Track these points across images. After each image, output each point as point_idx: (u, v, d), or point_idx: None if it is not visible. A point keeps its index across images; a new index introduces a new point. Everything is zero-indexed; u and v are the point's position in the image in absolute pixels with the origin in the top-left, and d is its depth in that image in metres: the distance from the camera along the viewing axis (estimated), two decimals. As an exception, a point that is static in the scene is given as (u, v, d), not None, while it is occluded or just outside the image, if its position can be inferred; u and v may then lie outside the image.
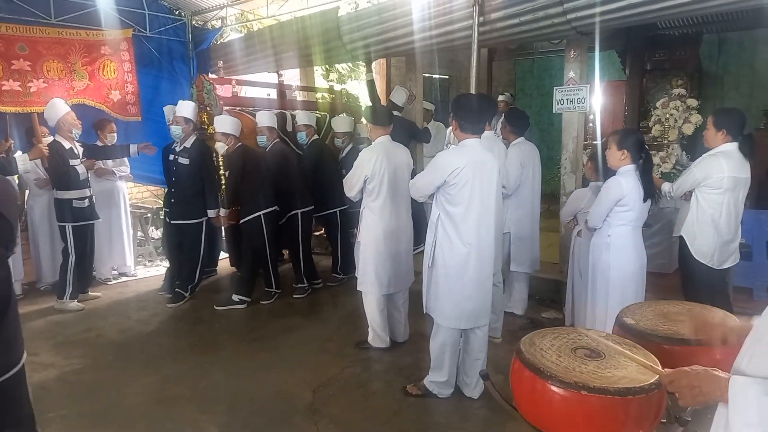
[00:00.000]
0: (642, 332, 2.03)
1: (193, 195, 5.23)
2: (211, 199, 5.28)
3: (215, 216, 5.28)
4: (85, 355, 4.19)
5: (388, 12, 5.61)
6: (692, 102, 5.77)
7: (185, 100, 5.47)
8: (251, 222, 5.16)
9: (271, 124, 5.46)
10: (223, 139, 5.11)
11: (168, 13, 7.71)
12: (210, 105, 5.70)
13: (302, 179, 5.56)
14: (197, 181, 5.22)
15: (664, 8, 4.04)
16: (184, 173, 5.20)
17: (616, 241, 3.31)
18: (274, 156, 5.40)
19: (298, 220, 5.48)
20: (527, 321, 4.71)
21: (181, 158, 5.19)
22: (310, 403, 3.45)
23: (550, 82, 9.87)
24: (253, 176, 5.10)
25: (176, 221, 5.34)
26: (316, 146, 5.86)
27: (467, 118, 3.22)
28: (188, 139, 5.23)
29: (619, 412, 1.65)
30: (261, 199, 5.16)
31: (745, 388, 1.22)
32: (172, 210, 5.38)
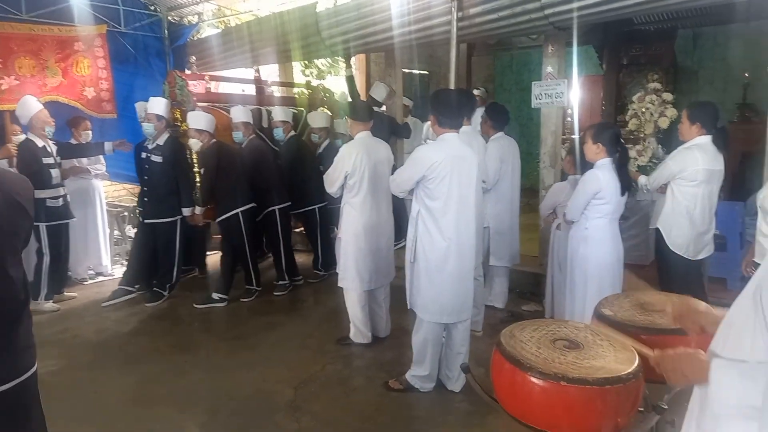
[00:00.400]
0: (620, 323, 2.05)
1: (167, 193, 5.14)
2: (186, 198, 5.18)
3: (190, 214, 5.19)
4: (61, 356, 4.12)
5: (366, 7, 5.59)
6: (667, 96, 5.86)
7: (157, 97, 5.37)
8: (229, 220, 5.09)
9: (246, 120, 5.39)
10: (196, 136, 5.01)
11: (143, 8, 7.59)
12: (183, 101, 5.58)
13: (279, 176, 5.51)
14: (171, 179, 5.12)
15: (639, 3, 4.08)
16: (157, 171, 5.10)
17: (593, 234, 3.35)
18: (251, 152, 5.33)
19: (276, 217, 5.42)
20: (508, 314, 4.74)
21: (154, 156, 5.08)
22: (292, 401, 3.43)
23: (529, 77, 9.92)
24: (229, 173, 5.03)
25: (150, 220, 5.23)
26: (293, 142, 5.78)
27: (445, 113, 3.23)
28: (161, 137, 5.13)
29: (597, 402, 1.67)
30: (238, 197, 5.09)
31: (726, 370, 1.25)
32: (145, 209, 5.28)
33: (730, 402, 1.24)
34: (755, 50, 7.70)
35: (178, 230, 5.26)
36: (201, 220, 5.29)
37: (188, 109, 5.43)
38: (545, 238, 5.11)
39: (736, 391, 1.21)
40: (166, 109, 5.19)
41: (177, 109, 5.55)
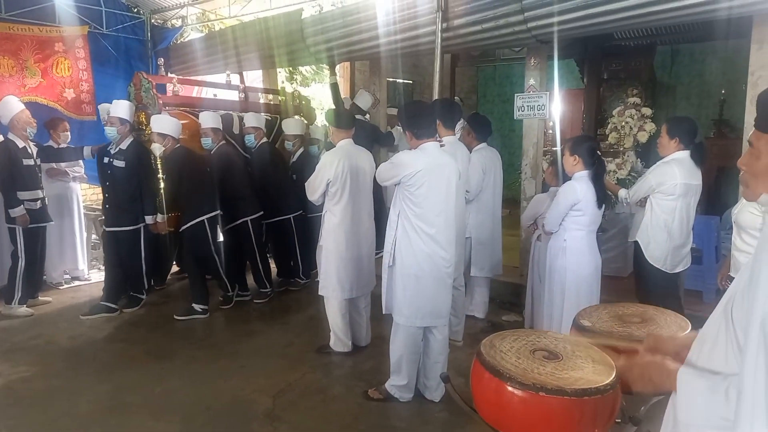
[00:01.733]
0: (598, 334, 2.06)
1: (130, 200, 4.92)
2: (149, 205, 4.95)
3: (153, 222, 4.97)
4: (34, 363, 4.03)
5: (352, 15, 5.62)
6: (646, 111, 5.96)
7: (121, 100, 5.21)
8: (193, 228, 4.87)
9: (215, 125, 5.20)
10: (159, 140, 4.81)
11: (126, 10, 7.54)
12: (148, 104, 5.35)
13: (250, 184, 5.33)
14: (134, 185, 4.91)
15: (619, 19, 4.17)
16: (119, 177, 4.88)
17: (571, 245, 3.39)
18: (219, 159, 5.15)
19: (249, 228, 5.25)
20: (488, 324, 4.75)
21: (116, 161, 4.87)
22: (270, 410, 3.40)
23: (512, 89, 10.05)
24: (193, 180, 4.84)
25: (111, 228, 5.00)
26: (265, 150, 5.57)
27: (419, 124, 3.25)
28: (124, 141, 4.92)
29: (575, 413, 1.67)
30: (204, 204, 4.89)
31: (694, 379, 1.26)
32: (107, 217, 5.08)
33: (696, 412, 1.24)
34: (731, 68, 7.90)
35: (143, 238, 5.05)
36: (165, 229, 5.05)
37: (153, 112, 5.22)
38: (526, 248, 5.15)
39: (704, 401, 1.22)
40: (130, 112, 5.00)
41: (142, 112, 5.35)
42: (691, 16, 4.08)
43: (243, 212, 5.21)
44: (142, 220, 4.98)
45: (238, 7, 7.58)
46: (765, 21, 4.02)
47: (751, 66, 4.13)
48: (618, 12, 4.11)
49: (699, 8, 3.85)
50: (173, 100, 5.71)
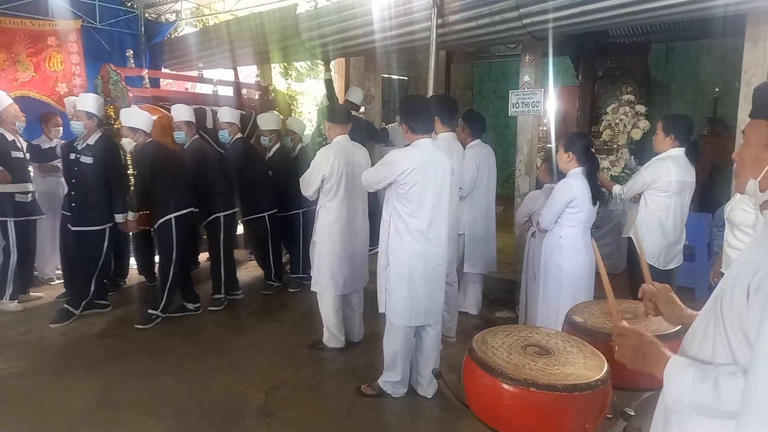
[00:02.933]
0: (590, 330, 2.07)
1: (97, 198, 4.66)
2: (119, 203, 4.71)
3: (123, 221, 4.75)
4: (26, 358, 4.01)
5: (347, 11, 5.59)
6: (640, 108, 5.97)
7: (88, 93, 5.00)
8: (163, 226, 4.68)
9: (189, 119, 4.99)
10: (130, 135, 4.62)
11: (120, 4, 7.50)
12: (117, 97, 5.08)
13: (225, 180, 5.14)
14: (102, 182, 4.65)
15: (614, 15, 4.16)
16: (87, 173, 4.61)
17: (567, 242, 3.40)
18: (193, 154, 4.96)
19: (220, 224, 5.07)
20: (481, 320, 4.76)
21: (83, 157, 4.60)
22: (263, 406, 3.39)
23: (507, 86, 10.05)
24: (165, 176, 4.63)
25: (77, 228, 4.71)
26: (239, 145, 5.36)
27: (416, 119, 3.23)
28: (92, 136, 4.65)
29: (566, 408, 1.68)
30: (171, 201, 4.66)
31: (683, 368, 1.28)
32: (72, 215, 4.76)
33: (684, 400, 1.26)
34: (725, 66, 7.91)
35: (106, 240, 4.78)
36: (135, 227, 4.86)
37: (122, 106, 4.97)
38: (519, 245, 5.16)
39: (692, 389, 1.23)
40: (98, 105, 4.73)
41: (111, 105, 5.08)
42: (685, 14, 4.08)
43: (216, 208, 5.04)
44: (110, 220, 4.74)
45: (232, 2, 7.54)
46: (759, 19, 4.03)
47: (745, 64, 4.14)
48: (613, 9, 4.10)
49: (693, 6, 3.85)
50: (144, 93, 5.47)
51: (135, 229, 4.91)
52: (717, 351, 1.24)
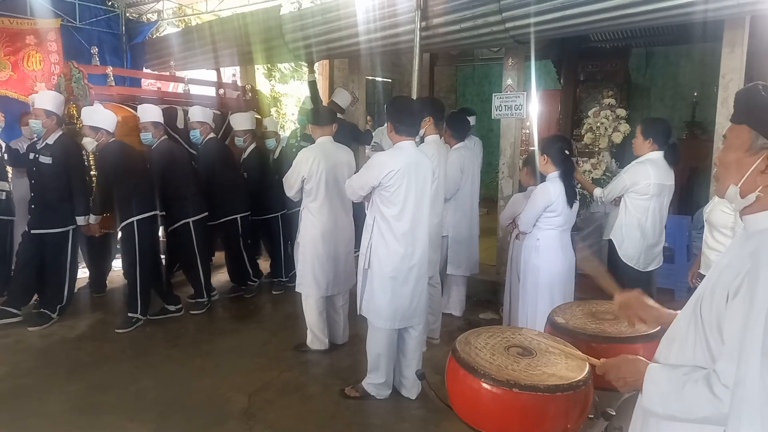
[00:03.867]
0: (572, 331, 2.10)
1: (58, 200, 4.51)
2: (80, 205, 4.54)
3: (85, 224, 4.58)
4: (4, 362, 3.94)
5: (331, 12, 5.59)
6: (621, 112, 6.05)
7: (46, 90, 4.84)
8: (126, 230, 4.53)
9: (156, 119, 4.78)
10: (91, 134, 4.44)
11: (100, 3, 7.42)
12: (79, 95, 4.89)
13: (195, 183, 4.95)
14: (62, 183, 4.49)
15: (595, 20, 4.22)
16: (46, 174, 4.46)
17: (544, 244, 3.43)
18: (160, 155, 4.78)
19: (191, 230, 4.88)
20: (465, 322, 4.78)
21: (42, 157, 4.44)
22: (245, 408, 3.37)
23: (490, 89, 10.11)
24: (129, 178, 4.48)
25: (37, 231, 4.52)
26: (212, 146, 5.15)
27: (403, 120, 3.24)
28: (51, 135, 4.49)
29: (548, 408, 1.70)
30: (138, 204, 4.51)
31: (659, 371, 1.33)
32: (32, 217, 4.58)
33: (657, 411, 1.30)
34: (704, 70, 8.06)
35: (70, 242, 4.63)
36: (97, 230, 4.67)
37: (84, 104, 4.77)
38: (502, 247, 5.19)
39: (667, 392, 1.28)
40: (57, 103, 4.55)
41: (73, 104, 4.91)
42: (665, 19, 4.15)
43: (184, 213, 4.86)
44: (71, 222, 4.58)
45: (215, 2, 7.50)
46: (736, 25, 4.11)
47: (723, 69, 4.22)
48: (594, 14, 4.16)
49: (673, 11, 3.92)
50: (108, 91, 5.21)
51: (98, 232, 4.71)
52: (696, 354, 1.26)
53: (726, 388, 1.14)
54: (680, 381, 1.24)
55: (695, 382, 1.20)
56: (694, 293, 1.35)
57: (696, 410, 1.20)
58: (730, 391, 1.13)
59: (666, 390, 1.27)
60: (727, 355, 1.15)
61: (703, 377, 1.20)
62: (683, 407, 1.22)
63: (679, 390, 1.23)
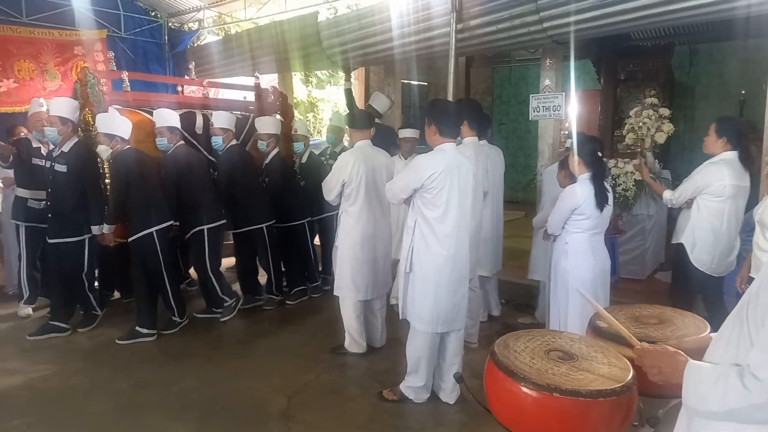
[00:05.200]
0: (613, 335, 2.05)
1: (73, 209, 4.42)
2: (95, 214, 4.45)
3: (100, 233, 4.47)
4: (53, 361, 4.09)
5: (367, 18, 5.63)
6: (664, 111, 5.88)
7: (61, 97, 4.75)
8: (142, 240, 4.41)
9: (172, 124, 4.67)
10: (106, 142, 4.35)
11: (144, 14, 7.66)
12: (94, 102, 4.75)
13: (210, 190, 4.83)
14: (77, 192, 4.40)
15: (635, 18, 4.14)
16: (61, 182, 4.38)
17: (572, 248, 3.36)
18: (174, 162, 4.66)
19: (204, 238, 4.75)
20: (503, 326, 4.73)
21: (57, 165, 4.38)
22: (285, 410, 3.41)
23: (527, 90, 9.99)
24: (143, 185, 4.37)
25: (53, 240, 4.47)
26: (233, 153, 5.01)
27: (446, 122, 3.22)
28: (67, 143, 4.41)
29: (590, 414, 1.66)
30: (152, 214, 4.41)
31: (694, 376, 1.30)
32: (49, 226, 4.52)
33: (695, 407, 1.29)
34: (751, 67, 7.78)
35: (86, 251, 4.57)
36: (111, 240, 4.52)
37: (99, 111, 4.67)
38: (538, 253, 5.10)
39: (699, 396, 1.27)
40: (72, 110, 4.46)
41: (89, 111, 4.75)
42: (708, 15, 4.04)
43: (198, 221, 4.73)
44: (87, 231, 4.50)
45: (253, 10, 7.64)
46: (785, 19, 3.96)
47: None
48: (634, 11, 4.08)
49: (716, 7, 3.81)
50: (123, 96, 5.08)
51: (112, 242, 4.57)
52: (740, 353, 1.24)
53: (756, 379, 1.15)
54: (716, 375, 1.24)
55: (728, 376, 1.21)
56: (743, 296, 1.31)
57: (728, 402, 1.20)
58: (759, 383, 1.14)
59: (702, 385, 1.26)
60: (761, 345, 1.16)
61: (736, 371, 1.20)
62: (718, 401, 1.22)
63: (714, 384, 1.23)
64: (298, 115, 8.83)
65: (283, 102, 6.25)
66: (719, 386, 1.21)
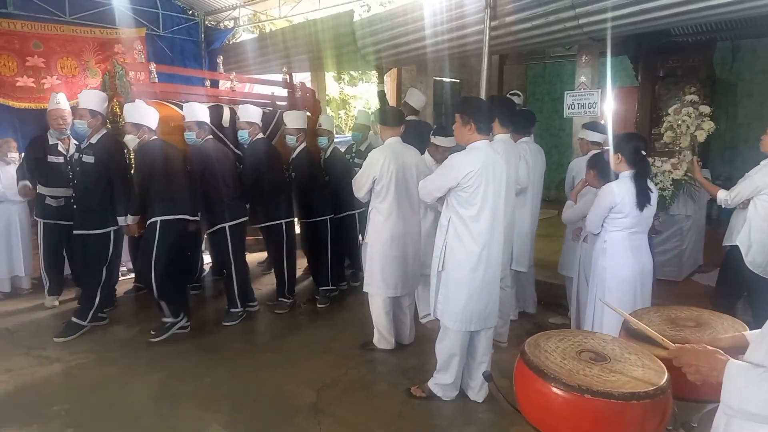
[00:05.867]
0: (648, 337, 2.00)
1: (99, 200, 4.42)
2: (121, 204, 4.43)
3: (125, 224, 4.46)
4: (92, 351, 4.21)
5: (399, 18, 5.61)
6: (705, 109, 5.71)
7: (90, 89, 4.71)
8: (148, 228, 4.35)
9: (201, 119, 4.63)
10: (133, 131, 4.32)
11: (181, 12, 7.80)
12: (122, 93, 4.76)
13: (235, 186, 4.76)
14: (104, 183, 4.41)
15: (675, 14, 4.03)
16: (88, 173, 4.38)
17: (611, 247, 3.28)
18: (200, 156, 4.61)
19: (226, 235, 4.70)
20: (534, 326, 4.68)
21: (85, 156, 4.38)
22: (314, 403, 3.45)
23: (562, 87, 9.85)
24: (166, 178, 4.32)
25: (79, 231, 4.47)
26: (259, 147, 4.92)
27: (482, 119, 3.19)
28: (95, 135, 4.41)
29: (623, 417, 1.63)
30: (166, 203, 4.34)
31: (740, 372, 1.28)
32: (75, 218, 4.53)
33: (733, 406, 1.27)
34: (797, 64, 7.50)
35: (111, 244, 4.55)
36: (136, 231, 4.51)
37: (126, 101, 4.64)
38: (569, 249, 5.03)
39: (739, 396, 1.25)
40: (101, 102, 4.45)
41: (116, 102, 4.74)
42: (752, 11, 3.90)
43: (221, 218, 4.67)
44: (112, 224, 4.50)
45: (287, 8, 7.71)
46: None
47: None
48: (673, 7, 3.97)
49: (760, 2, 3.67)
50: (150, 88, 5.02)
51: (136, 233, 4.54)
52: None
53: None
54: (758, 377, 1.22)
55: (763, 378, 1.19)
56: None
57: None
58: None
59: (743, 385, 1.24)
60: None
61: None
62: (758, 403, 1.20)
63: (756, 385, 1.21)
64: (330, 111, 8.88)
65: (311, 97, 6.26)
66: (763, 388, 1.19)
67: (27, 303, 5.27)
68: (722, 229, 4.20)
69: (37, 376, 3.80)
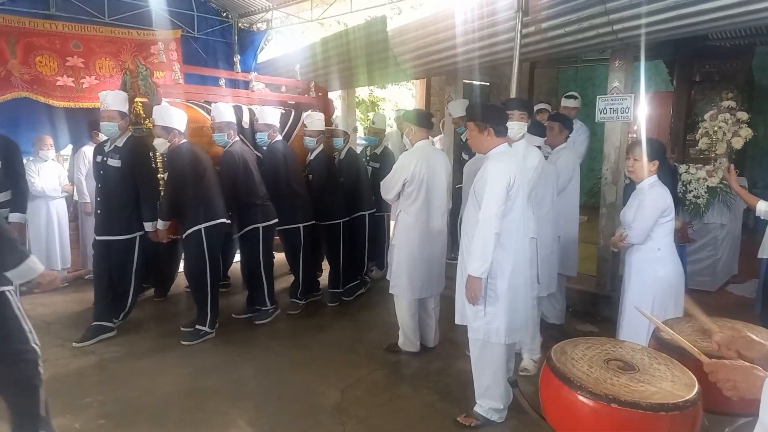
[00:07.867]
0: (678, 347, 1.97)
1: (124, 204, 4.30)
2: (147, 209, 4.33)
3: (153, 230, 4.37)
4: (124, 344, 4.32)
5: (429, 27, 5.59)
6: (742, 115, 5.59)
7: (117, 90, 4.54)
8: (189, 237, 4.32)
9: (230, 119, 4.59)
10: (163, 135, 4.23)
11: (216, 15, 7.93)
12: (147, 94, 4.63)
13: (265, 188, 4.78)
14: (130, 187, 4.28)
15: (713, 19, 3.93)
16: (113, 178, 4.26)
17: (665, 254, 3.14)
18: (231, 158, 4.55)
19: (259, 236, 4.73)
20: (560, 333, 4.61)
21: (111, 160, 4.25)
22: (338, 403, 3.47)
23: (594, 92, 9.69)
24: (198, 182, 4.27)
25: (102, 237, 4.33)
26: (278, 149, 4.91)
27: (498, 121, 3.13)
28: (121, 137, 4.31)
29: (650, 428, 1.61)
30: (205, 210, 4.30)
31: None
32: (97, 223, 4.40)
33: None
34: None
35: (137, 250, 4.41)
36: (165, 236, 4.43)
37: (153, 104, 4.52)
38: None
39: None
40: (126, 103, 4.35)
41: (139, 104, 4.61)
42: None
43: (254, 218, 4.69)
44: (138, 229, 4.37)
45: (319, 11, 7.77)
46: None
47: None
48: (712, 12, 3.87)
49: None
50: (177, 89, 4.94)
51: (165, 239, 4.47)
52: None
53: None
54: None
55: None
56: None
57: None
58: None
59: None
60: None
61: None
62: None
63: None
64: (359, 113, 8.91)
65: (324, 97, 6.23)
66: None
67: (63, 296, 5.43)
68: (758, 238, 4.09)
69: (72, 367, 3.91)
